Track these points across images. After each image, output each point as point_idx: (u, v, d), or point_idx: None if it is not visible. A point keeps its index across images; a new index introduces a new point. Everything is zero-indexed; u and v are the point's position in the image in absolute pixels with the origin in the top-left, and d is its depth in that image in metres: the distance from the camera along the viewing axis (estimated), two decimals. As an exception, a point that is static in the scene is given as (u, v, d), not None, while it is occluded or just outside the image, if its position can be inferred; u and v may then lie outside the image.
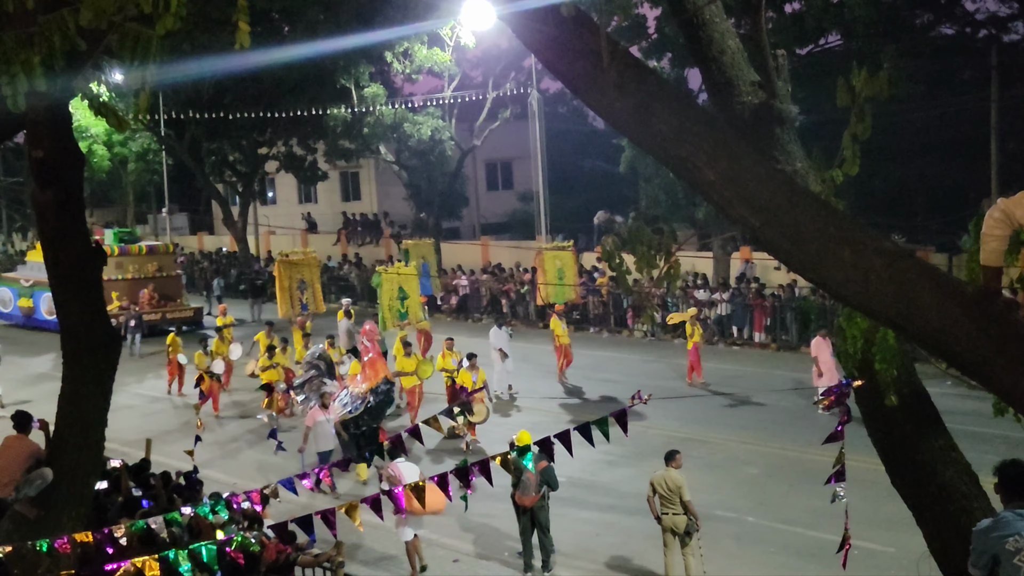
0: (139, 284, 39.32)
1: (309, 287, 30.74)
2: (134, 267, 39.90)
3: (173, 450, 19.16)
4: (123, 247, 39.95)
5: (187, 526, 11.74)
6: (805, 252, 5.20)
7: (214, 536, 11.02)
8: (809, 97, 33.00)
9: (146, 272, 39.97)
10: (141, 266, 40.07)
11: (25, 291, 41.59)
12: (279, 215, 59.86)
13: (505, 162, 61.16)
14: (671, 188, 36.80)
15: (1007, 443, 17.15)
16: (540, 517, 15.40)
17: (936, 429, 7.43)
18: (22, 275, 42.98)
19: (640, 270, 6.11)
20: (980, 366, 4.96)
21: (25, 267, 44.04)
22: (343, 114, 43.70)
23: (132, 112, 6.72)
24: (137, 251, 40.44)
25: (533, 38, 5.86)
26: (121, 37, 5.29)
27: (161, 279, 40.21)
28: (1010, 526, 6.35)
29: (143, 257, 40.42)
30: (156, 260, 40.68)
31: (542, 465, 14.77)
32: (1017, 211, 5.12)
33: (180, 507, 11.47)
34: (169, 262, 41.83)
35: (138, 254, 40.35)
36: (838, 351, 7.68)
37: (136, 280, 39.45)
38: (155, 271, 40.22)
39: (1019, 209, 5.11)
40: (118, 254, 39.00)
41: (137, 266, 39.98)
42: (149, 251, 40.97)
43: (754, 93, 6.92)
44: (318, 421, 19.42)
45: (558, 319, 28.66)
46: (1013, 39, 41.94)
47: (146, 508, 13.33)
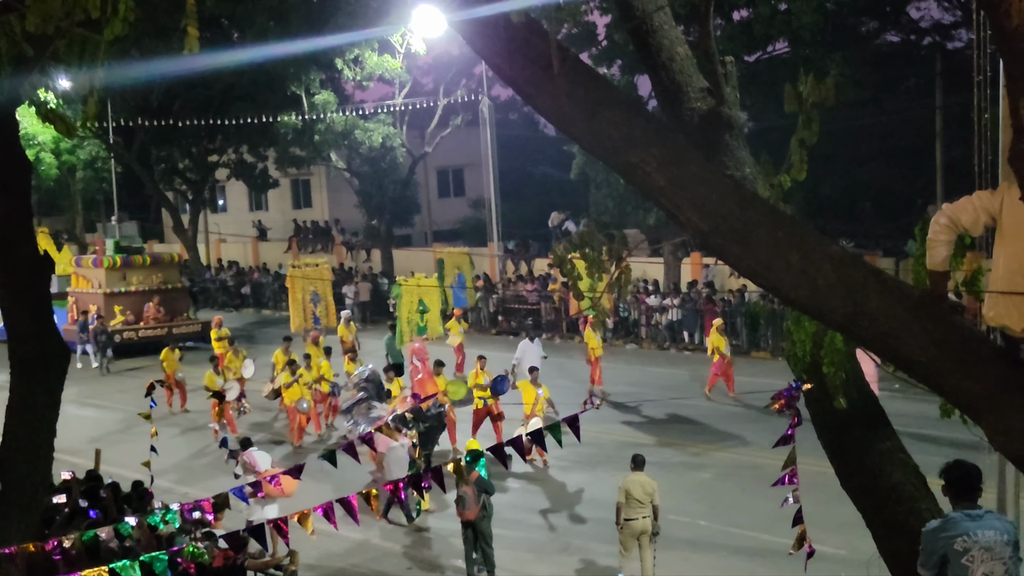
0: (144, 297, 37.15)
1: (322, 299, 29.42)
2: (138, 279, 37.37)
3: (125, 460, 18.97)
4: (126, 258, 37.47)
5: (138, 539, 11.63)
6: (754, 257, 5.24)
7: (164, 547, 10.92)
8: (757, 103, 33.34)
9: (151, 284, 37.54)
10: (145, 278, 37.59)
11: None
12: (229, 223, 59.48)
13: (456, 169, 61.17)
14: (622, 194, 36.93)
15: (954, 445, 17.32)
16: (482, 527, 15.36)
17: (884, 432, 7.50)
18: None
19: (591, 276, 6.14)
20: (927, 369, 5.03)
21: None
22: (294, 121, 43.50)
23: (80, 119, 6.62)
24: (141, 262, 37.90)
25: (484, 45, 5.87)
26: (68, 43, 5.25)
27: (166, 292, 37.70)
28: (958, 526, 6.44)
29: (147, 268, 37.86)
30: (161, 271, 38.19)
31: (474, 475, 14.76)
32: (961, 216, 5.20)
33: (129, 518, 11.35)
34: (174, 273, 39.36)
35: (142, 265, 37.79)
36: (786, 354, 7.74)
37: (140, 293, 37.16)
38: (160, 283, 37.78)
39: (963, 214, 5.20)
40: (120, 265, 36.98)
41: (141, 278, 37.49)
42: (154, 262, 38.48)
43: (703, 99, 6.97)
44: (392, 447, 17.77)
45: (592, 331, 27.15)
46: (957, 46, 42.49)
47: (93, 519, 13.20)
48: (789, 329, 7.40)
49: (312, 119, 43.31)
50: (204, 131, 46.06)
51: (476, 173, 52.51)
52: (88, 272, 37.25)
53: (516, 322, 37.97)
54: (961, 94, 28.63)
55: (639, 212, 36.74)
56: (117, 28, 4.93)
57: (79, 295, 37.20)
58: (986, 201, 5.16)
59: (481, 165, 45.49)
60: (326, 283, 29.61)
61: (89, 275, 37.16)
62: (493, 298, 39.57)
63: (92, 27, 5.13)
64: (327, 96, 43.27)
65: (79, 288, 37.37)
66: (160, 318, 36.78)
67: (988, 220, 5.17)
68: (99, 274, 36.73)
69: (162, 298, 37.21)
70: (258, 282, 49.07)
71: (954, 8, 43.07)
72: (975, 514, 6.47)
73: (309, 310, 29.26)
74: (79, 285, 37.46)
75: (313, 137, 43.91)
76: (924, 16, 45.25)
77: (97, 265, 36.81)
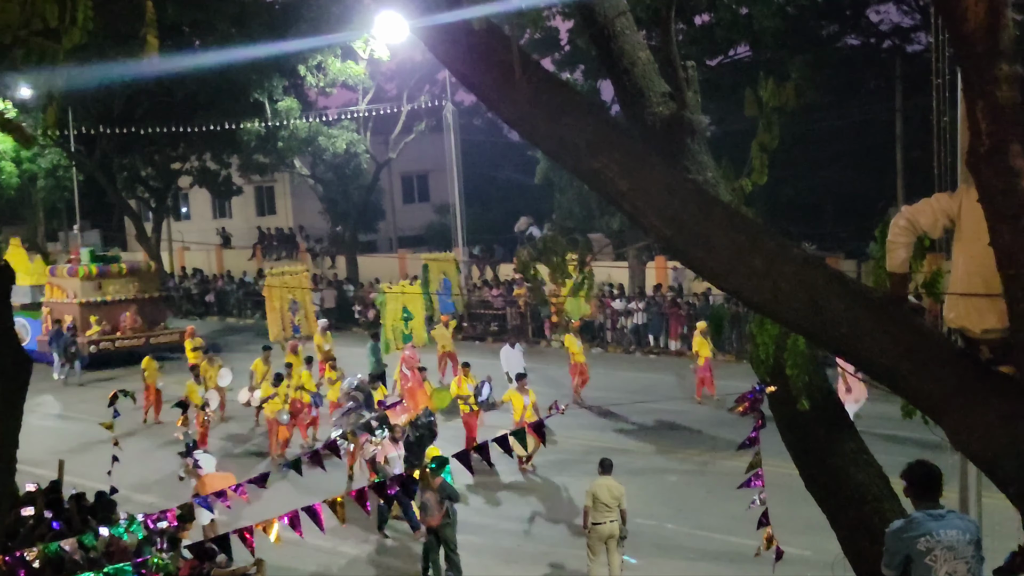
0: (120, 307, 36.18)
1: (301, 308, 28.59)
2: (114, 288, 36.40)
3: (88, 471, 18.82)
4: (102, 267, 36.61)
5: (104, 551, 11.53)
6: (717, 260, 5.27)
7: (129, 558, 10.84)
8: (719, 108, 33.50)
9: (127, 294, 36.60)
10: (122, 287, 36.63)
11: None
12: (193, 230, 59.12)
13: (421, 175, 61.07)
14: (585, 199, 36.99)
15: (916, 445, 17.43)
16: (446, 534, 15.33)
17: (848, 433, 7.54)
18: None
19: (555, 281, 6.15)
20: (888, 370, 5.07)
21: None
22: (257, 128, 43.29)
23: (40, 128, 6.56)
24: (117, 271, 36.90)
25: (446, 52, 5.87)
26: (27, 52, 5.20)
27: (143, 301, 36.81)
28: (921, 526, 6.49)
29: (124, 278, 36.90)
30: (138, 281, 37.19)
31: (437, 481, 14.74)
32: (920, 219, 5.25)
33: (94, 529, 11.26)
34: (152, 283, 38.37)
35: (118, 274, 36.80)
36: (749, 357, 7.77)
37: (116, 303, 36.19)
38: (136, 292, 36.83)
39: (922, 217, 5.25)
40: (96, 275, 36.07)
41: (117, 287, 36.52)
42: (130, 271, 37.51)
43: (665, 104, 7.00)
44: (391, 457, 17.35)
45: (573, 336, 27.12)
46: (916, 49, 42.90)
47: (56, 530, 13.08)
48: (752, 332, 7.44)
49: (275, 126, 43.13)
50: (167, 138, 45.67)
51: (440, 179, 52.46)
52: (63, 282, 36.54)
53: (481, 327, 37.98)
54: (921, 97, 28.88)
55: (603, 216, 36.82)
56: (76, 37, 4.89)
57: (54, 305, 36.51)
58: (945, 203, 5.21)
59: (445, 171, 45.49)
60: (304, 291, 29.07)
61: (64, 285, 36.46)
62: (459, 304, 39.54)
63: (51, 36, 5.09)
64: (290, 103, 43.10)
65: (54, 298, 36.68)
66: (137, 328, 36.03)
67: (947, 222, 5.22)
68: (74, 284, 36.03)
69: (139, 308, 36.43)
70: (223, 290, 48.80)
71: (913, 12, 43.52)
72: (937, 514, 6.52)
73: (288, 319, 28.51)
74: (54, 295, 36.76)
75: (277, 144, 43.72)
76: (884, 19, 45.76)
77: (72, 275, 36.12)
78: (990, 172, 4.29)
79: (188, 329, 31.62)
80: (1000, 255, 4.43)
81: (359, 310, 42.11)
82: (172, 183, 51.66)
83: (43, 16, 4.87)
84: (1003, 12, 4.11)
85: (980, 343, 5.03)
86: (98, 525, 12.38)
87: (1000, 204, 4.32)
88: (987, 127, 4.22)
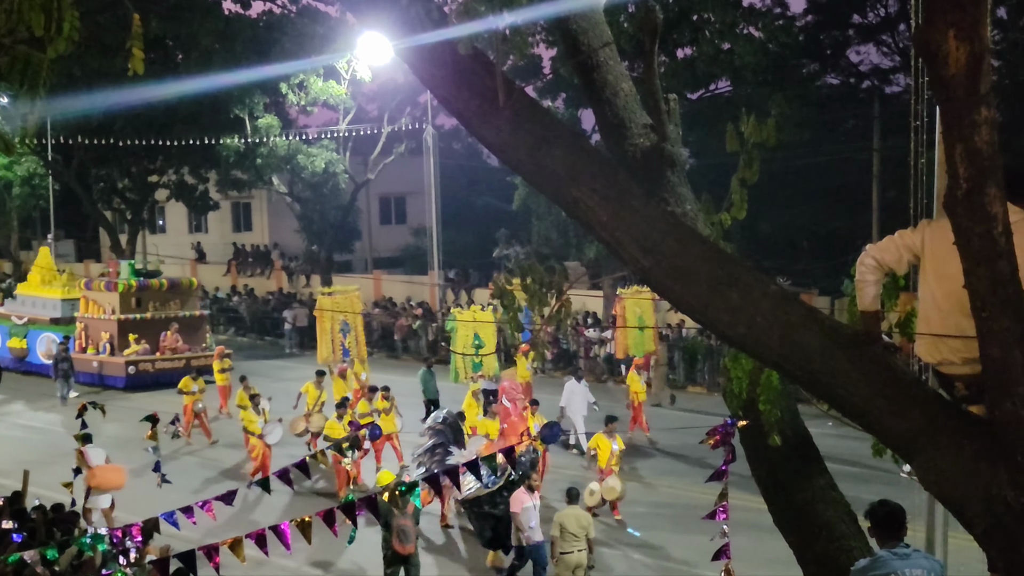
0: (160, 325, 33.81)
1: (352, 330, 26.44)
2: (154, 305, 34.22)
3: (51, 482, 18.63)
4: (142, 281, 34.34)
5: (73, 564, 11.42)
6: (693, 294, 5.28)
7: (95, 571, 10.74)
8: (699, 141, 33.73)
9: (167, 311, 34.35)
10: (162, 304, 34.47)
11: (17, 330, 36.31)
12: (168, 244, 58.82)
13: (399, 197, 61.06)
14: (563, 226, 37.09)
15: (885, 483, 17.53)
16: (413, 561, 15.15)
17: (817, 469, 7.56)
18: (12, 311, 37.34)
19: (532, 307, 6.15)
20: (860, 408, 5.08)
21: (15, 302, 38.26)
22: (236, 144, 43.20)
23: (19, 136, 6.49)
24: (157, 286, 34.63)
25: (429, 74, 5.88)
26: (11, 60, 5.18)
27: (184, 319, 34.42)
28: (887, 565, 6.49)
29: (164, 293, 34.70)
30: (179, 297, 35.08)
31: (411, 508, 14.66)
32: (884, 256, 5.29)
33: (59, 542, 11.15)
34: (192, 299, 36.26)
35: (158, 290, 34.58)
36: (722, 390, 7.80)
37: (157, 320, 33.87)
38: (177, 310, 34.63)
39: (886, 254, 5.28)
40: (136, 289, 33.94)
41: (157, 304, 34.36)
42: (171, 286, 35.12)
43: (646, 135, 7.02)
44: (525, 507, 15.54)
45: (636, 374, 25.67)
46: (895, 91, 43.37)
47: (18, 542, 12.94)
48: (727, 365, 7.46)
49: (255, 142, 43.06)
50: (145, 151, 45.53)
51: (418, 201, 52.44)
52: (100, 296, 34.22)
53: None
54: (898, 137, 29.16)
55: (581, 244, 36.92)
56: (61, 47, 4.88)
57: (89, 321, 34.34)
58: (908, 239, 5.25)
59: (423, 193, 45.50)
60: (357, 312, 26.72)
61: (101, 299, 34.16)
62: (432, 327, 39.51)
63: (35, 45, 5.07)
64: (270, 120, 43.06)
65: (89, 313, 34.44)
66: (178, 348, 33.52)
67: (911, 258, 5.25)
68: (112, 298, 33.76)
69: (180, 326, 34.03)
70: (196, 305, 48.53)
71: (893, 53, 43.95)
72: (903, 552, 6.53)
73: (338, 341, 26.51)
74: (89, 310, 34.47)
75: (255, 161, 43.64)
76: (864, 60, 46.31)
77: (110, 289, 33.90)
78: (967, 216, 4.32)
79: (217, 349, 30.16)
80: (974, 298, 4.46)
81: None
82: (149, 196, 51.45)
83: (28, 24, 4.85)
84: (984, 58, 4.16)
85: (954, 379, 5.04)
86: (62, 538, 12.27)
87: (976, 248, 4.35)
88: (965, 171, 4.25)
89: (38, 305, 36.36)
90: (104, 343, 33.28)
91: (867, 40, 44.80)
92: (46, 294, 36.26)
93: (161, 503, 9.56)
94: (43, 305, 36.14)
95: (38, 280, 37.11)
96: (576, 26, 6.90)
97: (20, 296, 37.79)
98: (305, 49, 39.23)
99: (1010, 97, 35.21)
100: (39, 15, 4.75)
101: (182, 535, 10.38)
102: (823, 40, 43.90)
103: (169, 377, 30.55)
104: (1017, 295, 4.41)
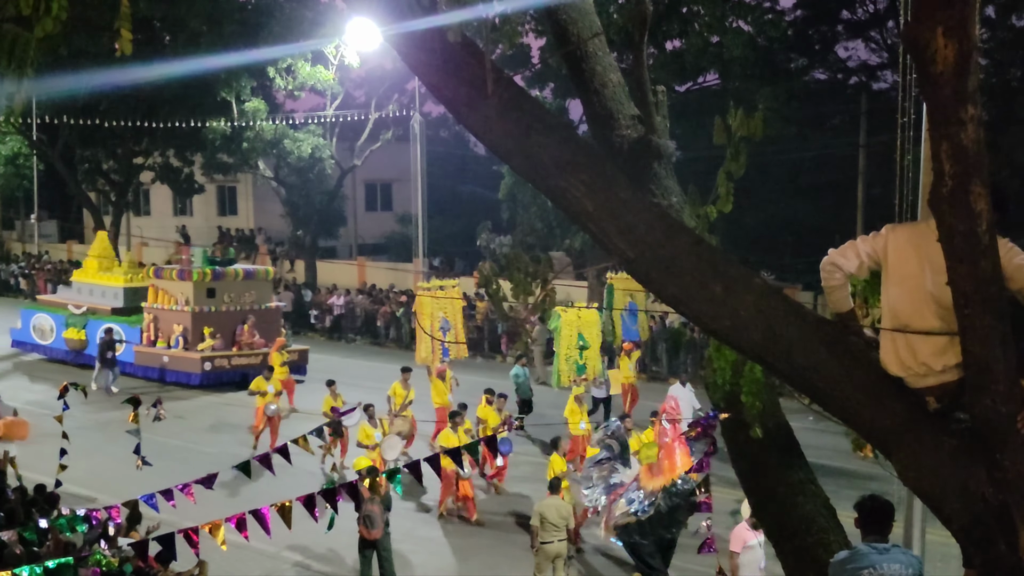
0: (235, 318, 31.05)
1: (452, 327, 23.91)
2: (229, 297, 31.33)
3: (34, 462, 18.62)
4: (217, 271, 31.41)
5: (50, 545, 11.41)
6: (678, 285, 5.29)
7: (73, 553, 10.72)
8: (686, 133, 33.72)
9: (243, 304, 31.45)
10: (238, 295, 31.53)
11: (75, 320, 33.41)
12: (153, 226, 58.67)
13: (385, 183, 61.01)
14: (548, 216, 37.13)
15: (864, 478, 17.62)
16: (384, 543, 15.28)
17: (797, 463, 7.59)
18: (69, 299, 34.76)
19: (516, 297, 6.15)
20: (841, 403, 5.10)
21: (71, 289, 35.96)
22: (222, 127, 43.11)
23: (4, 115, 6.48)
24: (233, 276, 31.71)
25: (418, 62, 5.87)
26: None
27: (260, 312, 31.58)
28: (865, 558, 6.53)
29: (240, 284, 31.73)
30: (254, 288, 31.99)
31: (384, 490, 14.75)
32: (845, 264, 5.27)
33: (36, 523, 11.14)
34: (267, 291, 33.28)
35: (234, 280, 31.63)
36: (706, 382, 7.81)
37: (231, 313, 31.10)
38: (252, 302, 31.66)
39: (847, 263, 5.27)
40: (211, 279, 31.07)
41: (233, 296, 31.46)
42: (246, 276, 32.21)
43: (633, 127, 7.03)
44: (749, 546, 13.40)
45: (627, 357, 25.97)
46: (882, 87, 43.54)
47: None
48: (710, 357, 7.48)
49: (241, 126, 42.97)
50: (130, 132, 45.38)
51: (404, 188, 52.42)
52: (171, 286, 31.42)
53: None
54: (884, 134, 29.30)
55: (565, 235, 36.96)
56: (48, 26, 4.85)
57: (159, 312, 31.48)
58: (869, 246, 5.22)
59: (409, 181, 45.49)
60: (456, 308, 24.21)
61: (172, 290, 31.38)
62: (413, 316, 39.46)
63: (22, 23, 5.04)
64: (257, 104, 42.96)
65: (159, 304, 31.54)
66: (255, 343, 30.68)
67: (872, 264, 5.23)
68: (186, 289, 30.95)
69: (256, 319, 31.25)
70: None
71: (881, 50, 44.11)
72: (882, 547, 6.56)
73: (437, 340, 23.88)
74: (159, 300, 31.56)
75: (241, 144, 43.55)
76: (852, 56, 46.34)
77: (184, 278, 31.05)
78: (952, 213, 4.34)
79: (277, 340, 28.55)
80: (957, 296, 4.48)
81: (315, 315, 42.00)
82: (134, 178, 51.27)
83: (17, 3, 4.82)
84: (972, 56, 4.17)
85: (924, 393, 5.00)
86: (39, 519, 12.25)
87: (960, 246, 4.37)
88: (950, 168, 4.27)
89: (96, 293, 34.12)
90: (176, 336, 30.72)
91: (855, 36, 44.97)
92: (106, 282, 34.05)
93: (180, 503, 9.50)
94: (103, 293, 33.97)
95: (96, 267, 34.72)
96: (566, 16, 6.90)
97: (76, 283, 35.40)
98: (293, 33, 39.17)
99: (997, 95, 35.36)
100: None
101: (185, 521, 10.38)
102: (812, 35, 44.06)
103: (245, 374, 29.23)
104: (999, 293, 4.43)
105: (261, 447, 21.53)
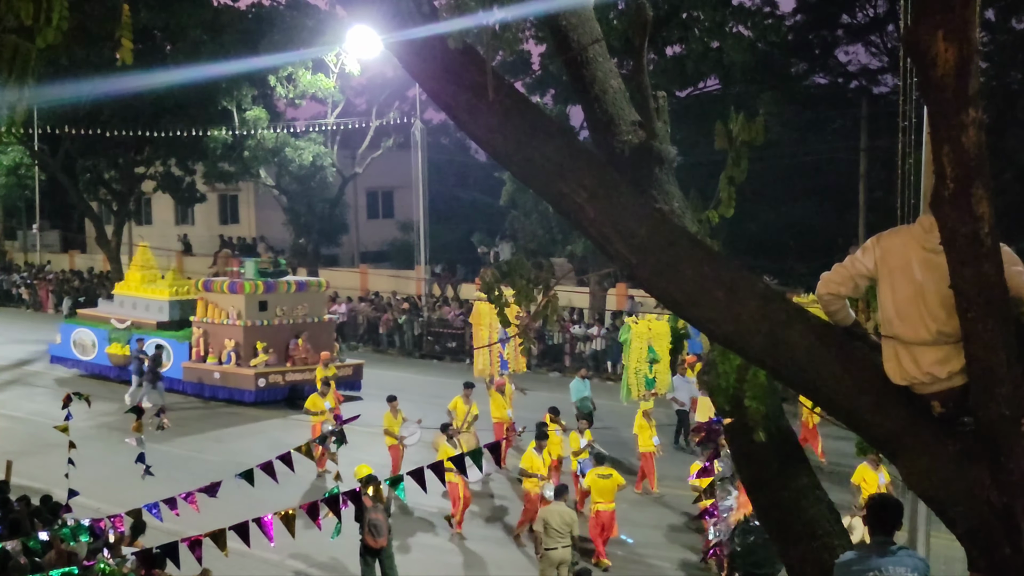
0: (287, 331, 29.76)
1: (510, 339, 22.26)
2: (281, 310, 29.97)
3: (36, 472, 18.63)
4: (269, 283, 30.00)
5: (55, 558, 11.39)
6: (681, 290, 5.29)
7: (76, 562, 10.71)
8: (687, 138, 33.75)
9: (295, 317, 30.16)
10: (291, 308, 30.21)
11: (118, 335, 32.05)
12: (154, 235, 58.54)
13: (386, 191, 61.02)
14: (549, 222, 37.13)
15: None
16: (387, 551, 15.28)
17: (801, 467, 7.57)
18: (112, 313, 33.37)
19: (519, 303, 6.15)
20: (845, 407, 5.10)
21: (112, 303, 34.50)
22: (224, 136, 43.11)
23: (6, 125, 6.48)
24: (286, 288, 30.29)
25: (419, 69, 5.87)
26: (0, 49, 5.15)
27: (312, 325, 30.34)
28: (870, 560, 6.50)
29: (292, 296, 30.36)
30: (307, 301, 30.67)
31: (388, 498, 14.77)
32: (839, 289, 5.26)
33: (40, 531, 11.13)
34: (320, 303, 32.04)
35: (287, 292, 30.23)
36: (710, 386, 7.79)
37: (284, 326, 29.78)
38: (305, 315, 30.35)
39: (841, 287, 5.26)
40: (263, 291, 29.72)
41: (285, 308, 30.13)
42: (299, 288, 30.83)
43: (634, 133, 7.02)
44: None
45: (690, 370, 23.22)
46: (883, 91, 43.56)
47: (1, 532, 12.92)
48: (715, 361, 7.46)
49: (242, 135, 42.98)
50: (132, 142, 45.36)
51: (406, 195, 52.36)
52: (221, 299, 30.05)
53: (440, 346, 37.95)
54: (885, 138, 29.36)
55: (567, 241, 36.97)
56: (50, 36, 4.85)
57: (210, 327, 30.13)
58: (859, 265, 5.21)
59: (411, 188, 45.45)
60: None
61: (222, 303, 30.03)
62: (419, 321, 39.51)
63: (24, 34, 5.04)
64: (258, 112, 42.96)
65: (209, 318, 30.19)
66: (309, 358, 29.23)
67: (865, 282, 5.24)
68: (238, 302, 29.56)
69: (309, 334, 30.00)
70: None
71: (881, 54, 44.14)
72: (889, 549, 6.55)
73: (495, 351, 23.75)
74: (209, 314, 30.22)
75: (243, 153, 43.56)
76: (852, 60, 46.47)
77: (236, 291, 29.66)
78: (954, 216, 4.33)
79: (323, 355, 27.66)
80: (960, 299, 4.48)
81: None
82: (135, 187, 51.25)
83: (18, 14, 4.82)
84: (972, 59, 4.17)
85: (928, 399, 5.01)
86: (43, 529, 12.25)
87: (962, 248, 4.36)
88: (952, 171, 4.27)
89: (140, 307, 32.60)
90: (228, 352, 29.40)
91: (856, 40, 44.99)
92: (151, 295, 32.53)
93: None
94: (147, 307, 32.44)
95: (139, 279, 33.30)
96: (566, 22, 6.90)
97: (119, 297, 33.91)
98: (294, 42, 39.17)
99: (997, 99, 35.36)
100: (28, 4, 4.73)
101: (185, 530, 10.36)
102: (812, 40, 44.10)
103: (300, 391, 28.10)
104: (1002, 296, 4.43)
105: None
